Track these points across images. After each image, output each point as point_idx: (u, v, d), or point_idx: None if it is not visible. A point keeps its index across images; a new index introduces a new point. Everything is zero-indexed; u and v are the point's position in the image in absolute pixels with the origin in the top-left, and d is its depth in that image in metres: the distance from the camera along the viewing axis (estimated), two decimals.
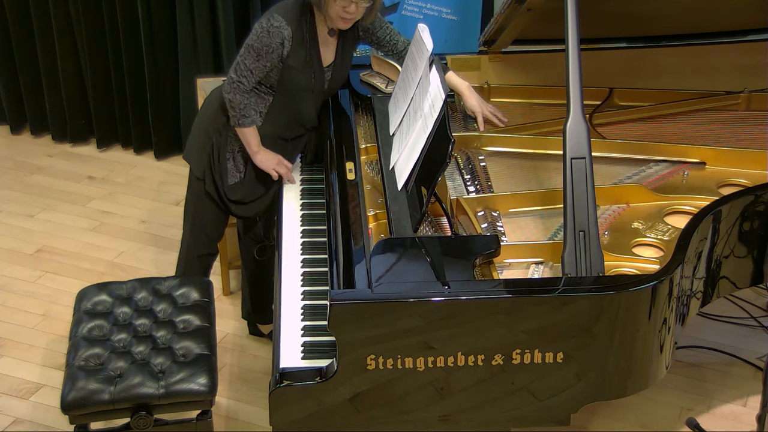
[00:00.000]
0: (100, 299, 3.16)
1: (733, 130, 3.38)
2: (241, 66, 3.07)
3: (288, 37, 3.02)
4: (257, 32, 3.03)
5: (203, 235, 3.42)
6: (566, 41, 2.71)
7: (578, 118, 2.68)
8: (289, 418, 2.49)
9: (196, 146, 3.30)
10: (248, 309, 3.76)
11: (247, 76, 3.07)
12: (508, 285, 2.55)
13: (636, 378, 2.59)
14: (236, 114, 3.12)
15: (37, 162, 5.02)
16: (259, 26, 3.04)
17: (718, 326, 3.89)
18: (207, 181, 3.28)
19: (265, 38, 3.02)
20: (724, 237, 2.88)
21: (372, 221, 2.86)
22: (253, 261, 3.55)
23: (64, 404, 2.81)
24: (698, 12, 3.38)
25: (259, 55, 3.04)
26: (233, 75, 3.08)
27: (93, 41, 4.84)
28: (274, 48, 3.02)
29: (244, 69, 3.07)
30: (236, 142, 3.22)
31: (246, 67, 3.06)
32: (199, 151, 3.27)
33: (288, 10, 3.06)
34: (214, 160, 3.24)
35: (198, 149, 3.29)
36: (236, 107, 3.10)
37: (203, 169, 3.27)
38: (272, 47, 3.02)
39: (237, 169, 3.25)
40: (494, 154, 3.24)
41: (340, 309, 2.39)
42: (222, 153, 3.23)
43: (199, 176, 3.29)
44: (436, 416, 2.53)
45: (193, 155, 3.32)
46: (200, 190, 3.31)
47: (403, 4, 4.79)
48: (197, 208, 3.36)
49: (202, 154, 3.26)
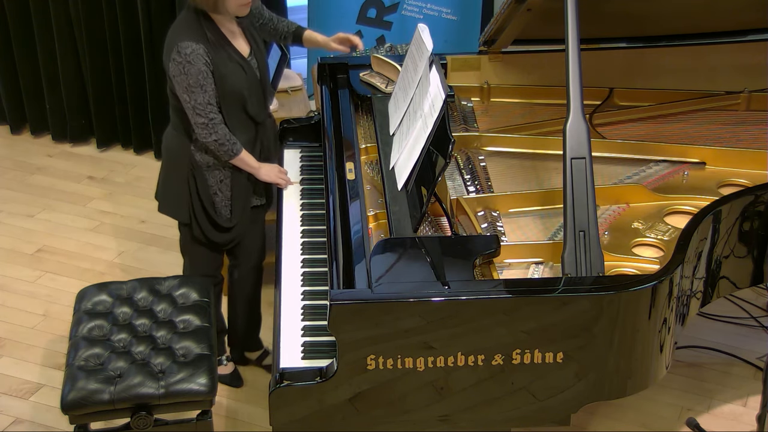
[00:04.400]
0: (100, 299, 3.16)
1: (733, 130, 3.38)
2: (198, 108, 3.02)
3: (204, 52, 2.98)
4: (180, 71, 2.98)
5: (204, 269, 3.40)
6: (566, 41, 2.71)
7: (578, 118, 2.68)
8: (289, 418, 2.49)
9: (172, 196, 3.26)
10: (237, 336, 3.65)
11: (211, 110, 3.03)
12: (508, 285, 2.55)
13: (636, 378, 2.59)
14: (228, 147, 3.08)
15: (37, 162, 5.02)
16: (175, 65, 2.99)
17: (718, 326, 3.89)
18: (193, 226, 3.26)
19: (192, 68, 2.97)
20: (724, 237, 2.88)
21: (372, 221, 2.86)
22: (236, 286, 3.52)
23: (64, 404, 2.81)
24: (698, 12, 3.38)
25: (202, 86, 2.99)
26: (200, 120, 3.03)
27: (93, 41, 4.84)
28: (204, 70, 2.98)
29: (203, 106, 3.02)
30: (215, 174, 3.18)
31: (203, 103, 3.01)
32: (177, 200, 3.24)
33: (186, 30, 3.01)
34: (200, 202, 3.21)
35: (175, 199, 3.25)
36: (224, 141, 3.07)
37: (188, 214, 3.25)
38: (203, 71, 2.98)
39: (225, 198, 3.22)
40: (494, 154, 3.24)
41: (340, 309, 2.39)
42: (205, 192, 3.20)
43: (185, 222, 3.28)
44: (436, 416, 2.53)
45: (171, 206, 3.29)
46: (188, 235, 3.32)
47: (403, 4, 4.80)
48: (192, 248, 3.36)
49: (180, 202, 3.24)
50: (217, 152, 3.10)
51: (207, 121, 3.04)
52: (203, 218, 3.24)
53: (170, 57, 3.00)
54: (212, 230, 3.26)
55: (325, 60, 3.55)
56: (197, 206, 3.22)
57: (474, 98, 3.58)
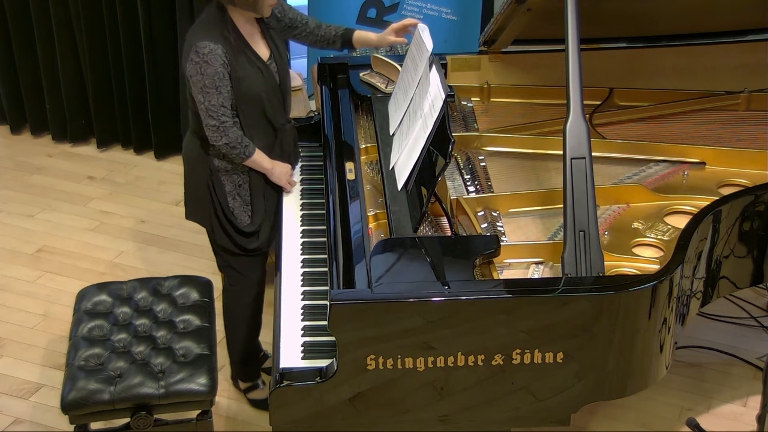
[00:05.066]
0: (100, 299, 3.16)
1: (733, 130, 3.38)
2: (211, 109, 2.96)
3: (222, 53, 2.92)
4: (196, 71, 2.92)
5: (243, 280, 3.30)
6: (566, 41, 2.71)
7: (578, 118, 2.68)
8: (289, 418, 2.49)
9: (195, 202, 3.21)
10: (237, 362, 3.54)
11: (223, 113, 2.97)
12: (508, 285, 2.55)
13: (636, 378, 2.59)
14: (239, 149, 3.03)
15: (37, 162, 5.02)
16: (192, 64, 2.93)
17: (718, 326, 3.89)
18: (216, 231, 3.18)
19: (208, 69, 2.92)
20: (724, 237, 2.88)
21: (372, 221, 2.86)
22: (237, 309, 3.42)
23: (64, 404, 2.81)
24: (698, 12, 3.38)
25: (217, 87, 2.94)
26: (211, 122, 2.97)
27: (93, 41, 4.84)
28: (221, 71, 2.93)
29: (216, 108, 2.96)
30: (233, 178, 3.13)
31: (216, 105, 2.96)
32: (200, 206, 3.18)
33: (205, 31, 2.96)
34: (220, 207, 3.15)
35: (198, 204, 3.19)
36: (235, 144, 3.02)
37: (209, 220, 3.18)
38: (219, 72, 2.93)
39: (244, 203, 3.16)
40: (494, 154, 3.24)
41: (340, 309, 2.39)
42: (224, 197, 3.14)
43: (206, 227, 3.22)
44: (436, 416, 2.53)
45: (196, 212, 3.22)
46: (217, 245, 3.23)
47: (403, 4, 4.80)
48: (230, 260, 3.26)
49: (204, 208, 3.17)
50: (229, 155, 3.06)
51: (218, 123, 2.98)
52: (226, 223, 3.16)
53: (188, 57, 2.95)
54: (237, 235, 3.18)
55: (326, 60, 3.55)
56: (218, 211, 3.15)
57: (474, 98, 3.58)
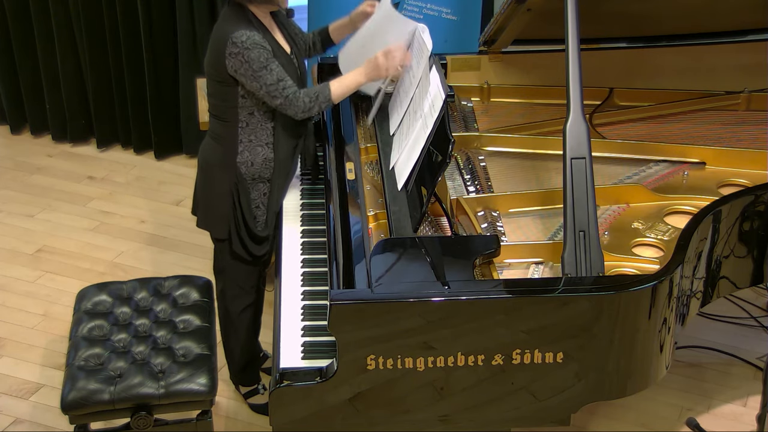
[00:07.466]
0: (100, 299, 3.16)
1: (733, 130, 3.38)
2: (270, 90, 2.89)
3: (260, 38, 2.89)
4: (240, 61, 2.87)
5: (242, 284, 3.27)
6: (566, 41, 2.71)
7: (578, 118, 2.68)
8: (289, 418, 2.49)
9: (212, 211, 3.13)
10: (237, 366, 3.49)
11: (283, 86, 2.89)
12: (508, 285, 2.55)
13: (636, 378, 2.59)
14: (321, 99, 2.94)
15: (37, 162, 5.02)
16: (233, 58, 2.87)
17: (718, 326, 3.89)
18: (233, 241, 3.13)
19: (251, 53, 2.85)
20: (724, 237, 2.88)
21: (372, 221, 2.86)
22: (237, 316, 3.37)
23: (64, 404, 2.81)
24: (698, 12, 3.38)
25: (266, 66, 2.87)
26: (277, 101, 2.90)
27: (93, 41, 4.84)
28: (264, 52, 2.88)
29: (275, 85, 2.88)
30: (260, 187, 3.07)
31: (274, 83, 2.88)
32: (218, 215, 3.11)
33: (235, 22, 2.91)
34: (242, 215, 3.08)
35: (215, 213, 3.12)
36: (313, 102, 2.93)
37: (227, 230, 3.12)
38: (263, 53, 2.87)
39: (266, 210, 3.11)
40: (494, 154, 3.24)
41: (340, 309, 2.39)
42: (248, 206, 3.07)
43: (223, 238, 3.15)
44: (436, 416, 2.53)
45: (211, 221, 3.15)
46: (226, 251, 3.18)
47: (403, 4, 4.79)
48: (230, 265, 3.21)
49: (222, 217, 3.10)
50: (321, 111, 3.01)
51: (283, 99, 2.90)
52: (244, 232, 3.11)
53: (224, 54, 2.88)
54: (252, 244, 3.13)
55: (325, 60, 3.55)
56: (239, 220, 3.09)
57: (474, 98, 3.58)
